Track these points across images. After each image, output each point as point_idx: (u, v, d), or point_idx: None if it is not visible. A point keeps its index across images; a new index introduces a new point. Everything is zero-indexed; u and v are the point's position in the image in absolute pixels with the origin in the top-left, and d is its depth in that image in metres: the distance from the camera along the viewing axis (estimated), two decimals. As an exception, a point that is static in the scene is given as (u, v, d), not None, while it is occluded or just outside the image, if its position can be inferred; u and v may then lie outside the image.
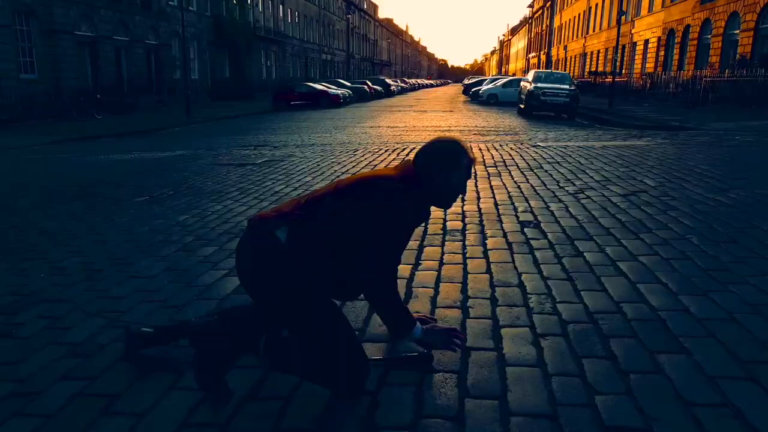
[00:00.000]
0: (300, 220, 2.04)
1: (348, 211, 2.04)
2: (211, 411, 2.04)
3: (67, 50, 22.84)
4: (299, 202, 2.13)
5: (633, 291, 3.00)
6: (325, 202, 2.07)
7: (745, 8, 22.55)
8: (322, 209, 2.06)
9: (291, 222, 2.04)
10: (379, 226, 2.02)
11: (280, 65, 48.84)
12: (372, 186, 2.07)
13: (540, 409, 1.97)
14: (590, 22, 50.00)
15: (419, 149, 2.19)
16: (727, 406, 1.97)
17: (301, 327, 2.06)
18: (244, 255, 2.10)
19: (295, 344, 2.11)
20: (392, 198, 2.02)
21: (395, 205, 2.02)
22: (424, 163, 2.12)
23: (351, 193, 2.07)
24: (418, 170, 2.11)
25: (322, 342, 2.01)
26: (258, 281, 2.06)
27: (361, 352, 2.09)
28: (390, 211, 2.02)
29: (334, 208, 2.05)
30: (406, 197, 2.04)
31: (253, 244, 2.07)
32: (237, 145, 12.02)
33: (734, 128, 13.08)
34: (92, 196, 6.31)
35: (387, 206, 2.02)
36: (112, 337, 2.65)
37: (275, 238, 2.01)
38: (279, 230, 2.02)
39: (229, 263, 3.71)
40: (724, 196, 5.26)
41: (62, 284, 3.41)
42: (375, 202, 2.02)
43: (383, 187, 2.05)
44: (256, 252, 2.06)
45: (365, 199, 2.03)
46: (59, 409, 2.08)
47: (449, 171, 2.11)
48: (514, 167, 7.44)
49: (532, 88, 19.59)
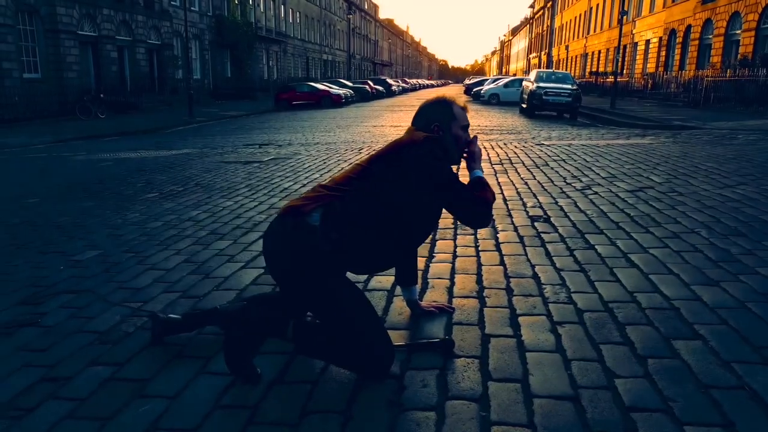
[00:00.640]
0: (334, 200, 2.11)
1: (391, 175, 2.13)
2: (240, 394, 2.09)
3: (70, 50, 22.90)
4: (326, 186, 2.20)
5: (646, 281, 3.05)
6: (357, 177, 2.16)
7: (747, 8, 22.61)
8: (356, 185, 2.14)
9: (324, 204, 2.10)
10: (425, 179, 2.15)
11: (282, 65, 48.91)
12: (408, 148, 2.18)
13: (562, 392, 2.02)
14: (591, 22, 50.07)
15: (415, 115, 2.42)
16: (743, 388, 2.02)
17: (330, 313, 2.12)
18: (275, 242, 2.15)
19: (322, 329, 2.17)
20: (426, 152, 2.15)
21: (433, 156, 2.17)
22: (425, 123, 2.33)
23: (387, 161, 2.17)
24: (423, 130, 2.28)
25: (351, 327, 2.07)
26: (289, 268, 2.12)
27: (387, 337, 2.15)
28: (430, 162, 2.15)
29: (371, 178, 2.14)
30: (435, 149, 2.18)
31: (284, 230, 2.12)
32: (242, 144, 12.08)
33: (737, 127, 13.15)
34: (102, 192, 6.37)
35: (426, 159, 2.15)
36: (136, 325, 2.71)
37: (308, 224, 2.07)
38: (311, 215, 2.08)
39: (246, 256, 3.77)
40: (730, 192, 5.32)
41: (81, 276, 3.46)
42: (419, 160, 2.14)
43: (420, 145, 2.17)
44: (288, 239, 2.11)
45: (402, 158, 2.15)
46: (91, 393, 2.13)
47: (449, 122, 2.33)
48: (520, 164, 7.49)
49: (534, 87, 19.65)
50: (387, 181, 2.14)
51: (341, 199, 2.12)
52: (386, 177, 2.14)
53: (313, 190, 2.24)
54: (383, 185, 2.14)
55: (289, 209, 2.16)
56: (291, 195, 5.86)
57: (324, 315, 2.16)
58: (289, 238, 2.11)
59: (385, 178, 2.14)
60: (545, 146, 9.87)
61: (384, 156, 2.21)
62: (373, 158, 2.24)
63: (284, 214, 2.15)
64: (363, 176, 2.18)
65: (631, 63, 37.97)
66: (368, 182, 2.15)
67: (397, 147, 2.22)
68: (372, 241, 2.14)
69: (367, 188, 2.14)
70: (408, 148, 2.18)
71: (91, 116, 20.81)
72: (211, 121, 21.38)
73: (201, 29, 35.00)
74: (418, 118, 2.38)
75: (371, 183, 2.15)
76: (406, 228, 2.23)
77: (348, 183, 2.18)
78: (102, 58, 25.14)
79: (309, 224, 2.08)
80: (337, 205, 2.10)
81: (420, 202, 2.19)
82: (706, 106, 20.88)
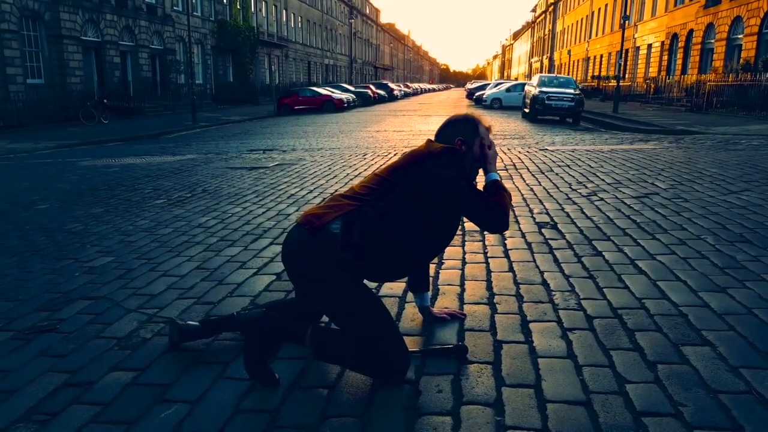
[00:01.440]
0: (353, 210, 2.16)
1: (409, 186, 2.19)
2: (260, 398, 2.14)
3: (74, 55, 23.07)
4: (345, 195, 2.26)
5: (654, 288, 3.10)
6: (377, 187, 2.22)
7: (749, 13, 22.69)
8: (375, 195, 2.20)
9: (344, 213, 2.16)
10: (444, 190, 2.20)
11: (284, 70, 49.09)
12: (426, 158, 2.23)
13: (574, 397, 2.07)
14: (593, 26, 50.19)
15: (440, 128, 2.45)
16: (751, 393, 2.07)
17: (348, 319, 2.17)
18: (295, 249, 2.21)
19: (339, 335, 2.22)
20: (446, 163, 2.21)
21: (452, 167, 2.23)
22: (449, 137, 2.36)
23: (405, 171, 2.22)
24: (450, 145, 2.32)
25: (369, 333, 2.12)
26: (309, 274, 2.17)
27: (403, 343, 2.20)
28: (450, 173, 2.21)
29: (390, 188, 2.20)
30: (455, 162, 2.25)
31: (305, 238, 2.17)
32: (246, 149, 12.15)
33: (740, 132, 13.20)
34: (110, 198, 6.43)
35: (446, 170, 2.20)
36: (154, 331, 2.76)
37: (329, 232, 2.13)
38: (332, 224, 2.14)
39: (257, 263, 3.83)
40: (735, 198, 5.37)
41: (97, 282, 3.52)
42: (436, 170, 2.19)
43: (435, 156, 2.22)
44: (308, 246, 2.16)
45: (422, 169, 2.20)
46: (114, 398, 2.18)
47: (473, 138, 2.36)
48: (525, 170, 7.55)
49: (537, 92, 19.73)
50: (405, 192, 2.19)
51: (360, 209, 2.17)
52: (405, 188, 2.20)
53: (334, 199, 2.29)
54: (401, 196, 2.19)
55: (310, 216, 2.21)
56: (298, 201, 5.92)
57: (342, 321, 2.22)
58: (309, 246, 2.16)
59: (403, 188, 2.20)
60: (549, 151, 9.93)
61: (402, 167, 2.26)
62: (391, 168, 2.29)
63: (304, 222, 2.21)
64: (382, 186, 2.23)
65: (633, 67, 38.06)
66: (387, 192, 2.21)
67: (416, 158, 2.27)
68: (390, 250, 2.20)
69: (386, 198, 2.19)
70: (426, 158, 2.24)
71: (94, 121, 20.93)
72: (214, 126, 21.48)
73: (203, 34, 35.18)
74: (443, 131, 2.41)
75: (390, 193, 2.20)
76: (423, 238, 2.28)
77: (368, 193, 2.23)
78: (105, 63, 25.30)
79: (330, 232, 2.13)
80: (356, 215, 2.16)
81: (437, 212, 2.24)
82: (709, 110, 20.94)
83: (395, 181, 2.22)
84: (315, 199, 6.04)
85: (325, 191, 6.48)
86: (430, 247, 2.38)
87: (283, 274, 3.54)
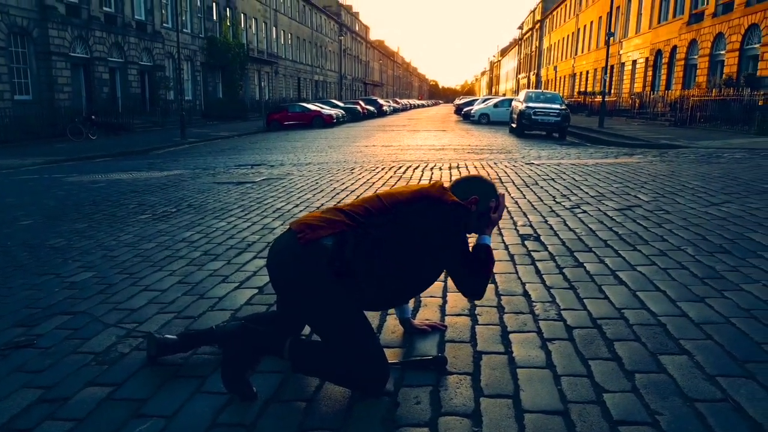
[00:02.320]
0: (348, 230, 2.16)
1: (411, 222, 2.20)
2: (237, 412, 2.12)
3: (62, 71, 23.03)
4: (343, 211, 2.25)
5: (633, 298, 3.12)
6: (376, 213, 2.21)
7: (730, 29, 23.12)
8: (373, 220, 2.19)
9: (338, 232, 2.15)
10: (441, 240, 2.23)
11: (273, 86, 49.27)
12: (436, 202, 2.24)
13: (552, 407, 2.08)
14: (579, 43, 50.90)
15: (457, 182, 2.45)
16: (727, 401, 2.08)
17: (330, 329, 2.16)
18: (285, 256, 2.19)
19: (318, 347, 2.22)
20: (453, 217, 2.24)
21: (457, 222, 2.26)
22: (465, 191, 2.34)
23: (410, 206, 2.22)
24: (459, 197, 2.31)
25: (349, 344, 2.12)
26: (294, 283, 2.17)
27: (384, 355, 2.20)
28: (453, 227, 2.25)
29: (390, 218, 2.20)
30: (461, 218, 2.27)
31: (296, 248, 2.15)
32: (234, 165, 12.14)
33: (722, 146, 13.38)
34: (95, 214, 6.39)
35: (449, 223, 2.23)
36: (132, 346, 2.74)
37: (321, 245, 2.13)
38: (326, 239, 2.14)
39: (240, 276, 3.81)
40: (716, 210, 5.43)
41: (77, 297, 3.49)
42: (439, 217, 2.22)
43: (445, 206, 2.24)
44: (298, 256, 2.14)
45: (427, 214, 2.21)
46: (89, 413, 2.16)
47: (487, 201, 2.36)
48: (510, 184, 7.60)
49: (523, 107, 19.93)
50: (405, 228, 2.19)
51: (356, 231, 2.17)
52: (406, 224, 2.20)
53: (331, 212, 2.27)
54: (401, 230, 2.19)
55: (304, 226, 2.20)
56: (284, 216, 5.91)
57: (323, 331, 2.21)
58: (299, 256, 2.14)
59: (404, 224, 2.20)
60: (535, 165, 10.01)
61: (409, 202, 2.24)
62: (396, 200, 2.26)
63: (297, 230, 2.19)
64: (383, 215, 2.21)
65: (618, 83, 38.57)
66: (387, 223, 2.20)
67: (425, 197, 2.25)
68: (376, 281, 2.20)
69: (384, 228, 2.19)
70: (437, 204, 2.23)
71: (82, 138, 20.84)
72: (203, 141, 21.46)
73: (193, 51, 35.28)
74: (462, 184, 2.42)
75: (390, 224, 2.20)
76: (408, 276, 2.29)
77: (366, 216, 2.21)
78: (94, 80, 25.28)
79: (321, 245, 2.13)
80: (351, 236, 2.15)
81: (428, 255, 2.26)
82: (692, 125, 21.24)
83: (398, 216, 2.21)
84: (301, 213, 6.04)
85: (312, 205, 6.48)
86: (410, 286, 2.37)
87: (265, 288, 3.53)
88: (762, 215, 5.15)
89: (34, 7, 21.58)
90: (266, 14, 47.95)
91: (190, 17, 35.22)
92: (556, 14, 62.66)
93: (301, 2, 58.51)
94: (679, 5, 29.15)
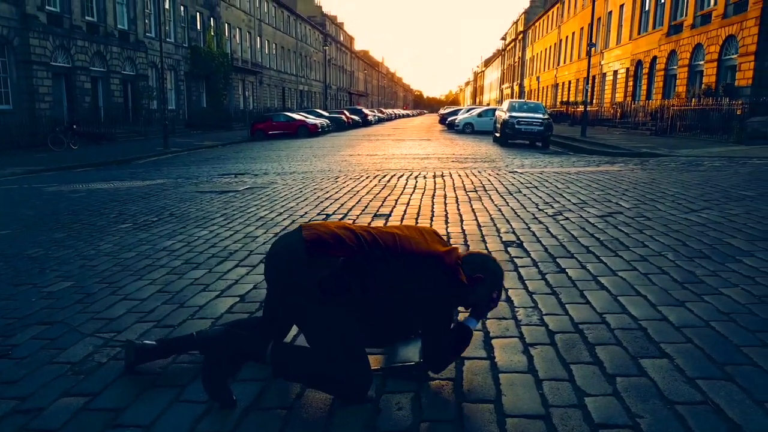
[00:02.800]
0: (356, 257, 2.15)
1: (414, 275, 2.19)
2: (216, 420, 2.09)
3: (43, 81, 22.78)
4: (354, 233, 2.23)
5: (615, 303, 3.14)
6: (385, 249, 2.20)
7: (709, 40, 23.54)
8: (379, 253, 2.19)
9: (348, 256, 2.15)
10: (432, 303, 2.21)
11: (258, 95, 49.18)
12: (443, 268, 2.22)
13: (534, 411, 2.07)
14: (561, 53, 51.51)
15: (471, 255, 2.42)
16: (707, 403, 2.09)
17: (318, 332, 2.15)
18: (289, 257, 2.18)
19: (301, 351, 2.20)
20: (453, 292, 2.23)
21: (454, 296, 2.26)
22: (473, 269, 2.30)
23: (419, 261, 2.21)
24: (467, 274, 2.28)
25: (335, 348, 2.11)
26: (292, 285, 2.15)
27: (367, 362, 2.18)
28: (449, 298, 2.25)
29: (395, 262, 2.19)
30: (461, 295, 2.27)
31: (303, 255, 2.13)
32: (217, 174, 12.07)
33: (702, 155, 13.58)
34: (74, 223, 6.30)
35: (447, 294, 2.23)
36: (110, 356, 2.69)
37: (327, 260, 2.12)
38: (333, 258, 2.13)
39: (221, 285, 3.77)
40: (695, 216, 5.50)
41: (55, 307, 3.42)
42: (441, 285, 2.20)
43: (453, 280, 2.22)
44: (305, 263, 2.13)
45: (432, 277, 2.20)
46: (63, 424, 2.11)
47: (490, 285, 2.33)
48: (494, 192, 7.63)
49: (507, 117, 20.07)
50: (405, 275, 2.19)
51: (363, 261, 2.16)
52: (409, 272, 2.19)
53: (342, 229, 2.25)
54: (400, 274, 2.19)
55: (317, 237, 2.16)
56: (267, 224, 5.87)
57: (310, 332, 2.18)
58: (304, 262, 2.12)
59: (407, 271, 2.19)
60: (518, 174, 10.07)
61: (420, 256, 2.23)
62: (410, 246, 2.25)
63: (310, 239, 2.16)
64: (390, 252, 2.20)
65: (600, 93, 39.05)
66: (391, 262, 2.19)
67: (439, 263, 2.23)
68: (363, 311, 2.21)
69: (386, 265, 2.19)
70: (446, 272, 2.22)
71: (63, 147, 20.59)
72: (186, 151, 21.31)
73: (176, 60, 35.12)
74: (475, 260, 2.38)
75: (393, 265, 2.19)
76: (387, 317, 2.28)
77: (376, 248, 2.20)
78: (75, 89, 25.02)
79: (327, 260, 2.12)
80: (358, 265, 2.15)
81: (413, 308, 2.24)
82: (673, 134, 21.54)
83: (406, 263, 2.20)
84: (284, 221, 6.00)
85: (295, 213, 6.45)
86: (385, 329, 2.36)
87: (246, 296, 3.50)
88: (740, 221, 5.22)
89: (14, 16, 21.35)
90: (251, 24, 47.94)
91: (174, 27, 35.07)
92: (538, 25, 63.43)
93: (286, 12, 58.59)
94: (659, 17, 29.66)
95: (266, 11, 52.50)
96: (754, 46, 20.09)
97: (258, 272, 4.03)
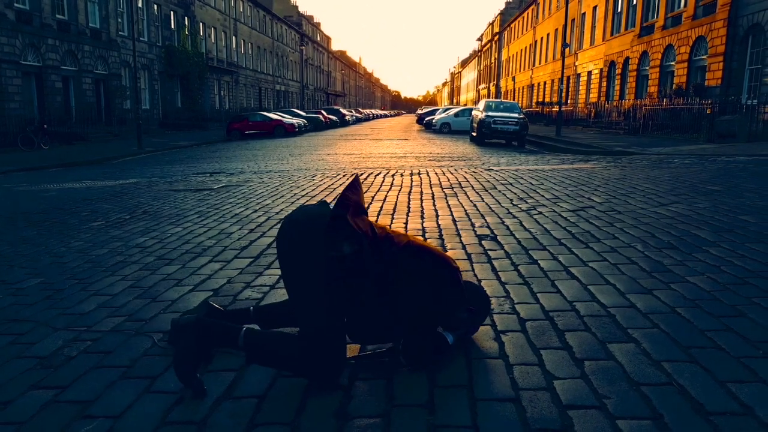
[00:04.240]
0: (367, 238, 2.18)
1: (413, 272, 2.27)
2: (188, 410, 2.08)
3: (12, 80, 22.32)
4: (371, 224, 2.28)
5: (585, 292, 3.19)
6: (398, 242, 2.29)
7: (679, 41, 24.02)
8: (392, 245, 2.26)
9: (367, 235, 2.19)
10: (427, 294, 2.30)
11: (234, 95, 48.79)
12: (448, 272, 2.36)
13: (504, 394, 2.10)
14: (536, 54, 52.07)
15: (477, 286, 2.77)
16: (671, 384, 2.14)
17: (311, 297, 2.16)
18: (306, 218, 2.20)
19: (274, 336, 2.21)
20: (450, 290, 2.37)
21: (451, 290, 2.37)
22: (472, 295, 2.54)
23: (421, 263, 2.30)
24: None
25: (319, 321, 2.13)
26: (301, 244, 2.16)
27: (345, 346, 2.21)
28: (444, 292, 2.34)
29: (404, 255, 2.27)
30: (457, 294, 2.38)
31: (322, 221, 2.15)
32: (192, 173, 11.96)
33: (673, 152, 13.86)
34: (44, 222, 6.19)
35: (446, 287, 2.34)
36: (80, 349, 2.65)
37: (347, 230, 2.13)
38: (357, 231, 2.14)
39: (194, 280, 3.74)
40: (664, 210, 5.61)
41: (23, 303, 3.36)
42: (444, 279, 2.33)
43: (455, 278, 2.38)
44: (321, 228, 2.13)
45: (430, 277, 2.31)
46: (31, 417, 2.08)
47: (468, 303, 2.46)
48: (470, 188, 7.70)
49: (483, 116, 20.25)
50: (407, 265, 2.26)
51: (372, 242, 2.19)
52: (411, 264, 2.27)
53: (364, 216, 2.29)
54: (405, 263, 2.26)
55: (345, 207, 2.15)
56: (242, 220, 5.84)
57: (301, 296, 2.18)
58: (321, 227, 2.13)
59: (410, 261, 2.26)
60: (494, 171, 10.17)
61: (429, 253, 2.34)
62: (418, 247, 2.33)
63: (340, 206, 2.16)
64: (402, 248, 2.27)
65: (574, 93, 39.59)
66: (398, 255, 2.25)
67: (445, 263, 2.37)
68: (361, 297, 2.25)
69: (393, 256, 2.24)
70: (449, 273, 2.35)
71: (34, 147, 20.21)
72: (161, 151, 21.06)
73: (150, 59, 34.67)
74: (472, 291, 2.58)
75: (399, 257, 2.25)
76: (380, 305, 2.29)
77: (386, 240, 2.26)
78: (46, 89, 24.56)
79: (347, 230, 2.12)
80: (366, 245, 2.17)
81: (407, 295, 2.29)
82: (645, 133, 21.94)
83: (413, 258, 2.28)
84: (260, 218, 5.97)
85: (271, 210, 6.43)
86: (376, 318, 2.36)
87: (220, 290, 3.48)
88: (708, 214, 5.35)
89: (-18, 13, 20.89)
90: (226, 23, 47.54)
91: (147, 25, 34.62)
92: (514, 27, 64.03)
93: (262, 12, 58.23)
94: (631, 18, 30.17)
95: (241, 11, 52.13)
96: (722, 47, 20.57)
97: (232, 267, 4.01)
